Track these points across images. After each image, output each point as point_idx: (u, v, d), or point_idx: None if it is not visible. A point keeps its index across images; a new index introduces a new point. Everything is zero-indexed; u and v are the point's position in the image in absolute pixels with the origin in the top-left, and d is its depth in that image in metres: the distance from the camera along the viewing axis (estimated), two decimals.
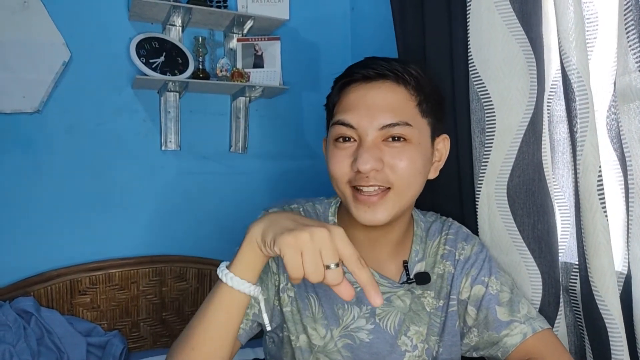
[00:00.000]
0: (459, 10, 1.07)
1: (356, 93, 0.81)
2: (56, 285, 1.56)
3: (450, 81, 1.13)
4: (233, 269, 0.68)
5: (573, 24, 0.82)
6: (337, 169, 0.80)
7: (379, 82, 0.80)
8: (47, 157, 1.58)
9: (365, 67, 0.81)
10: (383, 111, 0.78)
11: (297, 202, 0.93)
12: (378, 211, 0.78)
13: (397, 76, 0.79)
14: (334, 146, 0.82)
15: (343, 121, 0.80)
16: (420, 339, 0.85)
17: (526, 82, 0.95)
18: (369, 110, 0.78)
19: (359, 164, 0.75)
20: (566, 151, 0.99)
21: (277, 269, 0.86)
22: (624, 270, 0.87)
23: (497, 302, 0.86)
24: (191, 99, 1.77)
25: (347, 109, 0.80)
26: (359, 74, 0.81)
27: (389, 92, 0.79)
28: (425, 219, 0.96)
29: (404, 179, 0.78)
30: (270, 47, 1.80)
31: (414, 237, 0.91)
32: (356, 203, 0.79)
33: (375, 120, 0.77)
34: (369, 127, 0.77)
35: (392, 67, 0.79)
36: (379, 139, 0.78)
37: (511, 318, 0.85)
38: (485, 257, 0.91)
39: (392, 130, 0.77)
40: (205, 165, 1.81)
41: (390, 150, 0.78)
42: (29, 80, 1.53)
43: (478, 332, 0.87)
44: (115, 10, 1.65)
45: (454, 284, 0.88)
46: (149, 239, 1.73)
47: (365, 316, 0.85)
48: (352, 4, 2.02)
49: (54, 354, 1.38)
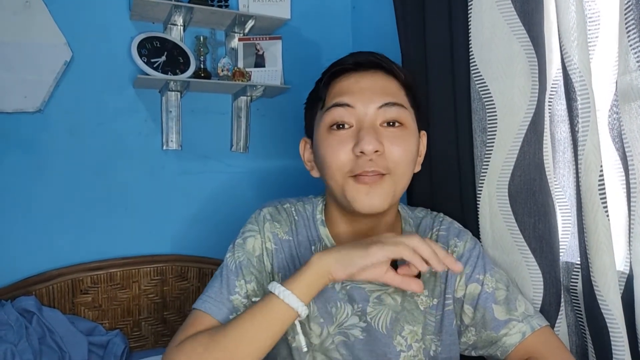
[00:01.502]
0: (460, 9, 1.07)
1: (348, 80, 0.82)
2: (58, 284, 1.56)
3: (451, 80, 1.13)
4: (291, 287, 0.71)
5: (575, 23, 0.81)
6: (337, 157, 0.79)
7: (370, 71, 0.82)
8: (48, 157, 1.58)
9: (356, 57, 0.82)
10: (379, 93, 0.79)
11: (289, 202, 0.94)
12: (375, 196, 0.78)
13: (388, 66, 0.82)
14: (328, 134, 0.81)
15: (340, 102, 0.79)
16: (415, 338, 0.85)
17: (527, 82, 0.95)
18: (365, 92, 0.79)
19: (364, 145, 0.75)
20: (567, 151, 0.98)
21: (272, 269, 0.87)
22: (625, 269, 0.87)
23: (493, 300, 0.86)
24: (192, 99, 1.77)
25: (342, 93, 0.80)
26: (350, 62, 0.82)
27: (381, 80, 0.81)
28: (414, 214, 0.95)
29: (401, 165, 0.79)
30: (272, 47, 1.80)
31: (403, 234, 0.89)
32: (357, 187, 0.78)
33: (373, 101, 0.78)
34: (367, 107, 0.78)
35: (381, 59, 0.82)
36: (378, 121, 0.79)
37: (509, 317, 0.84)
38: (478, 254, 0.90)
39: (390, 111, 0.78)
40: (206, 165, 1.81)
41: (388, 134, 0.78)
42: (31, 80, 1.53)
43: (476, 331, 0.87)
44: (116, 10, 1.65)
45: (449, 283, 0.88)
46: (151, 238, 1.73)
47: (357, 314, 0.84)
48: (353, 3, 2.02)
49: (56, 353, 1.39)
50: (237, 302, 0.82)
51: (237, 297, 0.82)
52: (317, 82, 0.89)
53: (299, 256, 0.88)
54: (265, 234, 0.88)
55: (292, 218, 0.92)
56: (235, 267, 0.85)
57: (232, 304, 0.82)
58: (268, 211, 0.91)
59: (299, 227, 0.91)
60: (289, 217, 0.91)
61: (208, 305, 0.81)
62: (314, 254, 0.73)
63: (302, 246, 0.89)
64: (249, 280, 0.84)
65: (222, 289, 0.83)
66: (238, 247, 0.88)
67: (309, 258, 0.73)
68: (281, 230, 0.89)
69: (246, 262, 0.85)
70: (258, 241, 0.88)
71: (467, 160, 1.10)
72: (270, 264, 0.87)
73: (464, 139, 1.10)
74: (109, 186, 1.66)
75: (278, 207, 0.92)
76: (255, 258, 0.86)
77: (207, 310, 0.80)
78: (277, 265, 0.88)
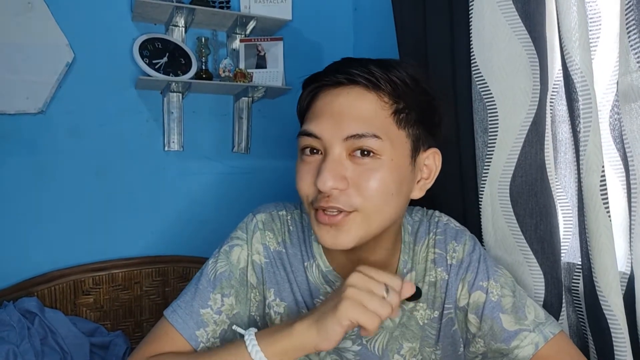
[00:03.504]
0: (461, 9, 1.07)
1: (324, 100, 0.73)
2: (60, 285, 1.56)
3: (452, 81, 1.13)
4: (264, 347, 0.67)
5: (576, 24, 0.81)
6: (301, 186, 0.74)
7: (348, 87, 0.71)
8: (50, 158, 1.59)
9: (334, 72, 0.72)
10: (349, 120, 0.69)
11: (286, 208, 0.88)
12: (341, 234, 0.70)
13: (369, 81, 0.70)
14: (300, 159, 0.75)
15: (306, 131, 0.72)
16: (412, 353, 0.82)
17: (529, 82, 0.95)
18: (334, 119, 0.70)
19: (318, 183, 0.68)
20: (569, 151, 0.98)
21: (257, 284, 0.82)
22: (627, 270, 0.87)
23: (500, 309, 0.80)
24: (194, 100, 1.77)
25: (313, 117, 0.73)
26: (327, 79, 0.73)
27: (357, 99, 0.70)
28: (412, 219, 0.89)
29: (371, 201, 0.69)
30: (273, 48, 1.80)
31: (402, 246, 0.84)
32: (318, 225, 0.71)
33: (339, 131, 0.69)
34: (333, 138, 0.69)
35: (362, 71, 0.70)
36: (345, 152, 0.70)
37: (519, 327, 0.79)
38: (479, 257, 0.84)
39: (358, 142, 0.68)
40: (208, 166, 1.81)
41: (357, 167, 0.69)
42: (33, 81, 1.53)
43: (485, 342, 0.82)
44: (118, 11, 1.66)
45: (449, 292, 0.83)
46: (152, 239, 1.73)
47: (351, 337, 0.81)
48: (354, 4, 2.02)
49: (58, 354, 1.39)
50: (207, 317, 0.78)
51: (208, 312, 0.78)
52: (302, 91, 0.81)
53: (293, 271, 0.83)
54: (254, 245, 0.83)
55: (287, 227, 0.85)
56: (215, 278, 0.80)
57: (201, 318, 0.77)
58: (261, 218, 0.85)
59: (293, 238, 0.85)
60: (283, 227, 0.85)
61: (175, 317, 0.77)
62: (297, 322, 0.67)
63: (295, 260, 0.83)
64: (227, 294, 0.79)
65: (195, 300, 0.78)
66: (223, 255, 0.83)
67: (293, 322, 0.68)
68: (274, 241, 0.84)
69: (227, 274, 0.80)
70: (244, 252, 0.82)
71: (468, 160, 1.10)
72: (258, 278, 0.82)
73: (466, 139, 1.10)
74: (111, 187, 1.67)
75: (273, 213, 0.86)
76: (238, 271, 0.81)
77: (174, 322, 0.77)
78: (269, 280, 0.82)
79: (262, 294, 0.83)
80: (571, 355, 0.79)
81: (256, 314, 0.83)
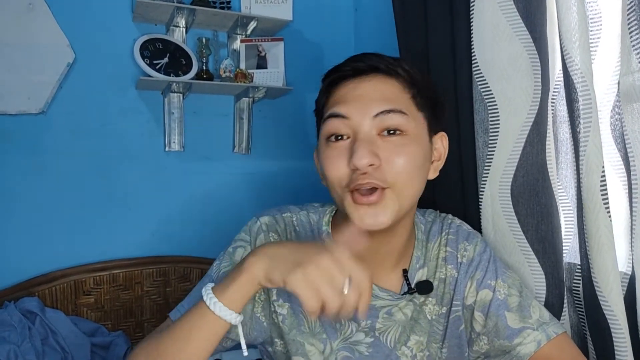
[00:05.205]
0: (462, 9, 1.07)
1: (346, 87, 0.76)
2: (60, 285, 1.57)
3: (453, 81, 1.13)
4: (220, 296, 0.66)
5: (576, 24, 0.81)
6: (333, 171, 0.74)
7: (369, 75, 0.76)
8: (51, 158, 1.59)
9: (354, 62, 0.77)
10: (376, 100, 0.73)
11: (291, 210, 0.87)
12: (380, 212, 0.71)
13: (389, 69, 0.76)
14: (326, 147, 0.77)
15: (334, 112, 0.75)
16: (420, 347, 0.82)
17: (530, 82, 0.95)
18: (361, 101, 0.74)
19: (355, 160, 0.70)
20: (569, 151, 0.98)
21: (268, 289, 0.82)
22: (627, 270, 0.86)
23: (506, 307, 0.82)
24: (195, 100, 1.77)
25: (338, 102, 0.76)
26: (348, 68, 0.77)
27: (380, 84, 0.75)
28: (425, 219, 0.91)
29: (403, 176, 0.72)
30: (274, 48, 1.81)
31: (416, 242, 0.86)
32: (356, 206, 0.72)
33: (368, 109, 0.73)
34: (362, 117, 0.73)
35: (381, 61, 0.76)
36: (374, 131, 0.73)
37: (523, 325, 0.80)
38: (489, 258, 0.86)
39: (387, 119, 0.72)
40: (208, 166, 1.81)
41: (387, 144, 0.72)
42: (34, 81, 1.54)
43: (488, 340, 0.83)
44: (119, 12, 1.66)
45: (458, 289, 0.84)
46: (153, 239, 1.73)
47: (364, 330, 0.81)
48: (355, 4, 2.02)
49: (59, 354, 1.39)
50: None
51: None
52: (320, 88, 0.84)
53: None
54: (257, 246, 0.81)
55: (292, 228, 0.85)
56: (218, 278, 0.80)
57: None
58: (264, 221, 0.84)
59: (300, 238, 0.85)
60: (288, 228, 0.85)
61: (178, 315, 0.78)
62: (251, 255, 0.67)
63: None
64: None
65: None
66: (227, 256, 0.83)
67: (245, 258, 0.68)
68: None
69: None
70: (247, 253, 0.81)
71: (469, 161, 1.10)
72: None
73: (467, 139, 1.10)
74: (112, 187, 1.67)
75: (277, 216, 0.85)
76: None
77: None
78: None
79: (266, 292, 0.82)
80: (573, 357, 0.80)
81: (262, 314, 0.82)
